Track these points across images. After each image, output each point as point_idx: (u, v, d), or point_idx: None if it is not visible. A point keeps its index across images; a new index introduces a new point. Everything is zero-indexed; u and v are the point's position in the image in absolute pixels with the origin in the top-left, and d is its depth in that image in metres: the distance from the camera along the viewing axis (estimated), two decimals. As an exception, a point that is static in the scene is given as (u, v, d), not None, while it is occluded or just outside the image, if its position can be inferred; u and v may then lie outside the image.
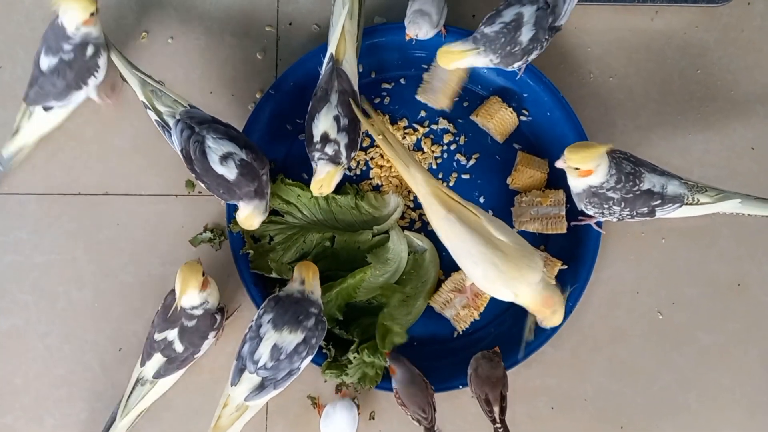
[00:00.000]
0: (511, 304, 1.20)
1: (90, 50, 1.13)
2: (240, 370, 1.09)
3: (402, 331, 1.17)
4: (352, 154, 1.15)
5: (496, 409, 1.12)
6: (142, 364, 1.13)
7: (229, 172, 1.09)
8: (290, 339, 1.07)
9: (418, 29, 1.17)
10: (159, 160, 1.24)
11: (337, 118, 1.12)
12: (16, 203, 1.23)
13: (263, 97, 1.21)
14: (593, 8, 1.26)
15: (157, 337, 1.12)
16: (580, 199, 1.12)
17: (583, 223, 1.19)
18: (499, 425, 1.12)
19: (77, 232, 1.23)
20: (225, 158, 1.09)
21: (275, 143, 1.22)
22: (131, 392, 1.14)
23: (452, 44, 1.13)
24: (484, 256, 1.07)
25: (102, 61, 1.15)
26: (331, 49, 1.15)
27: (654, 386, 1.22)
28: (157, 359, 1.12)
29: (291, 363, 1.08)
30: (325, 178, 1.14)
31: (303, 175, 1.22)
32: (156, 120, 1.14)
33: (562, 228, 1.19)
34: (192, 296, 1.09)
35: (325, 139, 1.12)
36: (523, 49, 1.11)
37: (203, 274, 1.09)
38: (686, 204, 1.11)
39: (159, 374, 1.13)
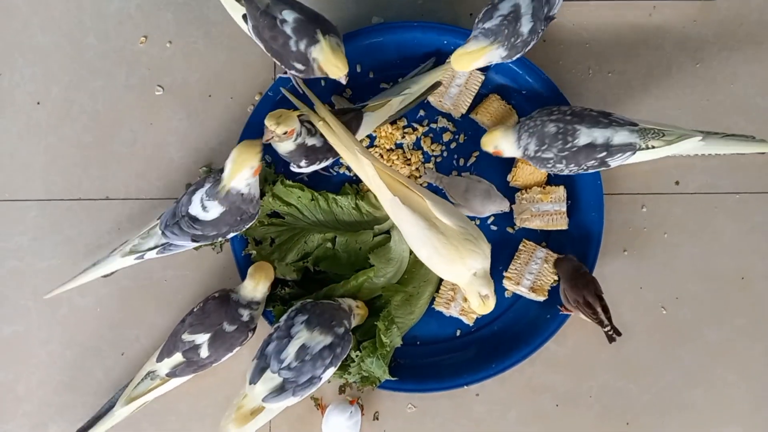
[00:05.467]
0: (514, 301, 1.21)
1: None
2: (261, 369, 1.07)
3: (400, 332, 1.17)
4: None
5: (599, 310, 1.12)
6: (159, 359, 1.13)
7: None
8: (319, 340, 1.07)
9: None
10: (159, 164, 1.24)
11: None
12: (17, 210, 1.23)
13: (262, 100, 1.21)
14: (591, 4, 1.26)
15: (186, 337, 1.11)
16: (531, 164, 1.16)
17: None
18: (608, 325, 1.12)
19: (78, 238, 1.23)
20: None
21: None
22: (138, 383, 1.14)
23: (466, 46, 1.11)
24: (427, 239, 1.08)
25: None
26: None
27: (659, 383, 1.21)
28: (176, 359, 1.12)
29: (314, 367, 1.07)
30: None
31: (303, 176, 1.22)
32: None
33: (563, 224, 1.18)
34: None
35: None
36: (524, 40, 1.11)
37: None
38: (639, 150, 1.11)
39: (173, 374, 1.12)
